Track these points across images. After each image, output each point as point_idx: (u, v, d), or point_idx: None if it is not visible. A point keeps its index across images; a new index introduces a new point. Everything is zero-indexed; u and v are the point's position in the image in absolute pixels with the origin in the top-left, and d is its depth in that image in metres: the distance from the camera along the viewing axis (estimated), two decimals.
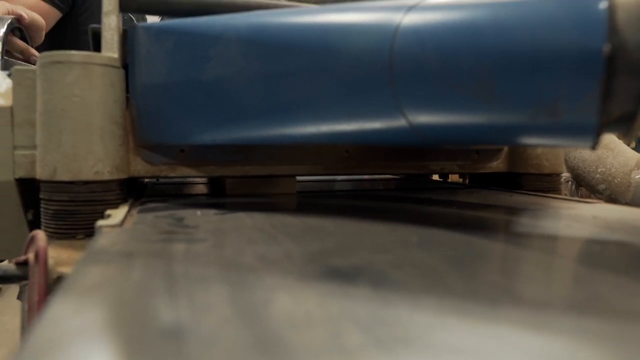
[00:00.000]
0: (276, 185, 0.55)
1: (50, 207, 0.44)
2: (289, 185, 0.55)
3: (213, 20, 0.42)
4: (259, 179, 0.53)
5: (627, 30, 0.30)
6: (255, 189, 0.54)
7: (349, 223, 0.36)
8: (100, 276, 0.21)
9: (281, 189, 0.55)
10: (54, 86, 0.43)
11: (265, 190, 0.54)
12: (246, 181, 0.53)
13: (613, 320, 0.17)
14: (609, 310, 0.18)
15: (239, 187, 0.53)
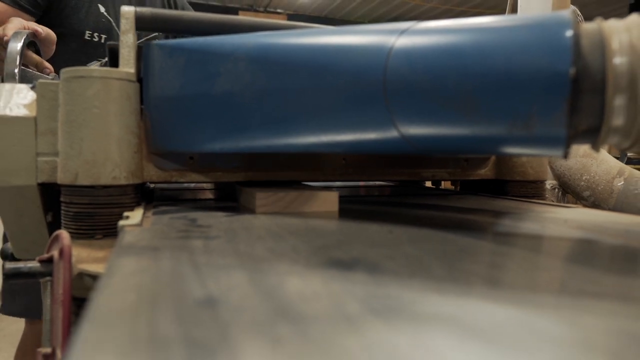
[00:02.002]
0: (314, 202, 0.48)
1: (71, 209, 0.47)
2: (329, 202, 0.48)
3: (223, 40, 0.46)
4: (293, 195, 0.47)
5: (590, 55, 0.34)
6: (289, 207, 0.47)
7: (347, 224, 0.40)
8: (136, 265, 0.25)
9: (319, 207, 0.48)
10: (76, 99, 0.46)
11: (301, 209, 0.47)
12: (280, 197, 0.47)
13: (563, 297, 0.21)
14: (561, 290, 0.22)
15: (270, 204, 0.46)
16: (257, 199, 0.46)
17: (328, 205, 0.48)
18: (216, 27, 0.52)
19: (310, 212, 0.47)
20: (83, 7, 1.15)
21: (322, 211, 0.47)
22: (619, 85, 0.33)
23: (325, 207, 0.48)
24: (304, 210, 0.47)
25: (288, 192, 0.47)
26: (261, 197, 0.46)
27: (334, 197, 0.48)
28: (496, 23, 0.37)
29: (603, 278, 0.25)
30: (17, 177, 0.49)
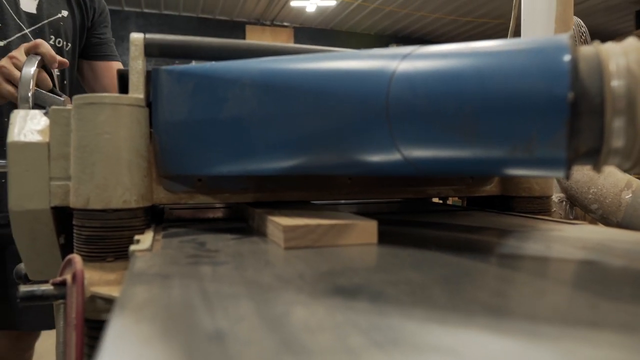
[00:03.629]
0: (350, 234, 0.42)
1: (84, 232, 0.48)
2: (367, 233, 0.42)
3: (229, 66, 0.47)
4: (326, 225, 0.41)
5: (588, 78, 0.35)
6: (321, 241, 0.41)
7: (352, 246, 0.40)
8: (147, 294, 0.26)
9: (356, 239, 0.42)
10: (88, 125, 0.48)
11: (335, 242, 0.41)
12: (310, 229, 0.41)
13: (565, 326, 0.22)
14: (562, 318, 0.23)
15: (299, 238, 0.40)
16: (285, 232, 0.40)
17: (366, 237, 0.42)
18: (223, 52, 0.53)
19: (346, 245, 0.41)
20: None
21: (358, 244, 0.42)
22: (617, 107, 0.34)
23: (363, 239, 0.42)
24: (338, 243, 0.41)
25: (320, 223, 0.41)
26: (289, 229, 0.40)
27: (372, 227, 0.43)
28: (495, 47, 0.38)
29: (605, 305, 0.25)
30: (31, 202, 0.51)
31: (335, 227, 0.41)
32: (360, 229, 0.42)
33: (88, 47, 1.25)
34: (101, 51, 1.28)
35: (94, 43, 1.26)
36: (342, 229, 0.41)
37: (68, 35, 1.17)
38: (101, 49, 1.28)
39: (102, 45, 1.28)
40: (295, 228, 0.40)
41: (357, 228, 0.42)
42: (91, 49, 1.26)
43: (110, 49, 1.30)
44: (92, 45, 1.26)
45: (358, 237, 0.42)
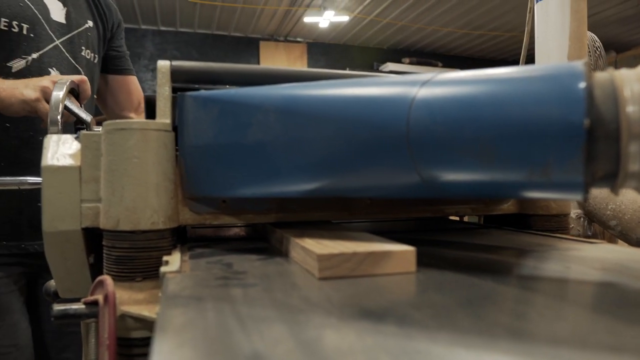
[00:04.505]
0: (387, 262, 0.40)
1: (113, 253, 0.50)
2: (406, 261, 0.40)
3: (253, 92, 0.49)
4: (363, 253, 0.39)
5: (603, 105, 0.36)
6: (358, 270, 0.39)
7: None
8: (184, 317, 0.28)
9: (394, 267, 0.40)
10: (117, 149, 0.50)
11: (371, 271, 0.39)
12: (346, 257, 0.38)
13: (586, 351, 0.23)
14: (582, 343, 0.24)
15: (334, 267, 0.38)
16: (320, 261, 0.38)
17: (404, 265, 0.40)
18: (247, 77, 0.55)
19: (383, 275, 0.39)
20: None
21: (396, 273, 0.40)
22: (633, 132, 0.35)
23: (401, 268, 0.40)
24: (375, 272, 0.39)
25: (356, 251, 0.39)
26: (324, 258, 0.38)
27: (411, 255, 0.41)
28: (511, 74, 0.39)
29: (625, 329, 0.26)
30: (63, 223, 0.53)
31: (372, 256, 0.39)
32: (399, 257, 0.40)
33: (106, 60, 1.25)
34: (119, 65, 1.28)
35: (112, 56, 1.26)
36: (379, 257, 0.39)
37: (94, 46, 1.17)
38: (119, 62, 1.28)
39: (120, 59, 1.28)
40: (330, 257, 0.38)
41: (395, 256, 0.40)
42: (109, 62, 1.25)
43: (126, 63, 1.30)
44: (109, 58, 1.26)
45: (396, 265, 0.40)
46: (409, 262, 0.41)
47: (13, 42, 0.98)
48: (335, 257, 0.38)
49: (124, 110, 1.28)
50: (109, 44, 1.24)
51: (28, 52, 0.99)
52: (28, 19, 1.00)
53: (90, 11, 1.17)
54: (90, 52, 1.14)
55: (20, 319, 1.02)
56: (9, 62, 0.97)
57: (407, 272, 0.40)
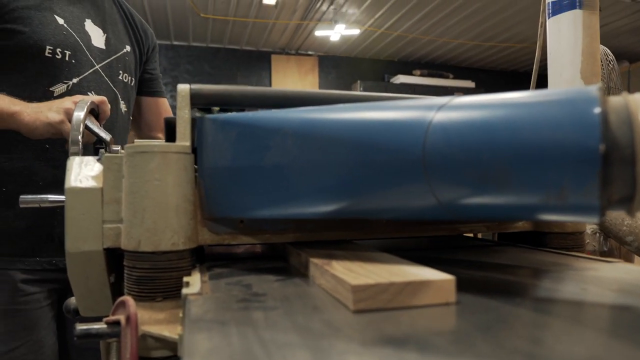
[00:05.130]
0: (425, 293, 0.38)
1: (134, 273, 0.51)
2: (444, 291, 0.38)
3: (271, 115, 0.50)
4: (400, 284, 0.37)
5: (618, 130, 0.36)
6: (394, 301, 0.37)
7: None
8: (210, 343, 0.28)
9: (432, 298, 0.38)
10: (139, 172, 0.51)
11: (409, 302, 0.37)
12: (382, 288, 0.36)
13: None
14: None
15: (369, 298, 0.36)
16: (354, 292, 0.36)
17: (443, 296, 0.38)
18: (264, 100, 0.57)
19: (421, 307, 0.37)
20: (34, 17, 1.00)
21: (434, 304, 0.37)
22: None
23: (440, 299, 0.38)
24: (412, 303, 0.37)
25: (392, 281, 0.37)
26: (359, 289, 0.36)
27: (450, 285, 0.38)
28: (526, 99, 0.40)
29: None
30: (86, 243, 0.54)
31: (410, 286, 0.37)
32: (437, 287, 0.38)
33: (139, 82, 1.29)
34: (151, 87, 1.32)
35: (146, 78, 1.30)
36: (417, 288, 0.37)
37: (131, 70, 1.21)
38: (152, 84, 1.32)
39: (153, 81, 1.32)
40: (365, 288, 0.36)
41: (434, 286, 0.38)
42: (142, 84, 1.30)
43: (159, 85, 1.34)
44: (143, 81, 1.30)
45: (435, 296, 0.38)
46: (448, 292, 0.38)
47: (56, 68, 1.02)
48: (370, 288, 0.36)
49: (152, 130, 1.33)
50: (143, 67, 1.29)
51: (69, 77, 1.03)
52: (70, 46, 1.04)
53: (128, 36, 1.22)
54: (127, 76, 1.19)
55: (47, 335, 1.04)
56: (52, 87, 1.01)
57: (446, 304, 0.37)
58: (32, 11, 1.00)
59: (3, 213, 1.00)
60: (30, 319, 1.01)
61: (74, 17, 1.07)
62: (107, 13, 1.16)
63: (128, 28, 1.22)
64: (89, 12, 1.11)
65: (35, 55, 1.00)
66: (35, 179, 1.01)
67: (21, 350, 0.99)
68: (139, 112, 1.32)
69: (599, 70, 1.05)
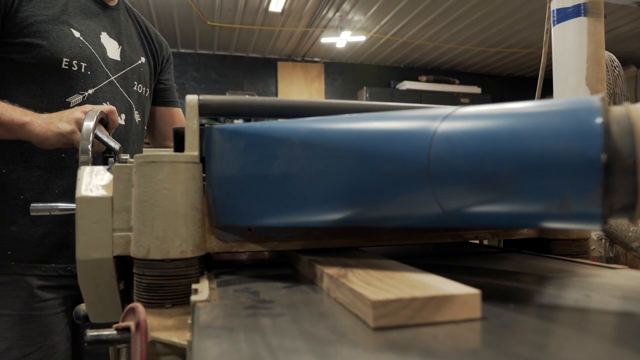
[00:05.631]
0: (449, 309, 0.36)
1: (144, 281, 0.52)
2: (469, 306, 0.36)
3: (278, 125, 0.51)
4: (422, 299, 0.35)
5: (620, 140, 0.37)
6: (417, 317, 0.35)
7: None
8: (218, 348, 0.29)
9: (456, 314, 0.36)
10: (148, 181, 0.52)
11: (432, 318, 0.35)
12: (404, 303, 0.35)
13: None
14: None
15: (391, 314, 0.34)
16: (374, 309, 0.34)
17: (467, 311, 0.36)
18: (272, 110, 0.58)
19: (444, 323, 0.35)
20: (52, 31, 1.03)
21: (459, 320, 0.36)
22: None
23: (464, 314, 0.36)
24: (435, 319, 0.35)
25: (414, 296, 0.35)
26: (379, 305, 0.34)
27: (475, 300, 0.37)
28: (529, 109, 0.40)
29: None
30: (96, 251, 0.55)
31: (432, 301, 0.35)
32: (462, 302, 0.36)
33: (154, 92, 1.32)
34: (165, 97, 1.35)
35: (160, 89, 1.33)
36: (441, 303, 0.36)
37: (146, 80, 1.24)
38: (165, 94, 1.35)
39: (167, 91, 1.35)
40: (386, 303, 0.34)
41: (458, 301, 0.36)
42: (157, 94, 1.33)
43: (173, 95, 1.37)
44: (157, 91, 1.33)
45: (459, 312, 0.36)
46: (473, 308, 0.36)
47: (73, 79, 1.05)
48: (392, 304, 0.34)
49: (166, 140, 1.36)
50: (158, 77, 1.32)
51: (85, 88, 1.06)
52: (86, 58, 1.07)
53: (143, 48, 1.25)
54: (142, 86, 1.22)
55: (61, 340, 1.05)
56: (68, 97, 1.04)
57: (471, 319, 0.36)
58: (50, 25, 1.03)
59: (20, 220, 1.02)
60: (45, 325, 1.03)
61: (90, 31, 1.10)
62: (123, 26, 1.19)
63: (143, 40, 1.26)
64: (104, 26, 1.14)
65: (53, 67, 1.03)
66: (52, 187, 1.03)
67: (36, 355, 1.00)
68: (153, 122, 1.35)
69: (605, 77, 1.05)
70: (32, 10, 1.01)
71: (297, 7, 4.67)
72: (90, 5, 1.12)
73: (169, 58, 1.35)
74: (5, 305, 1.00)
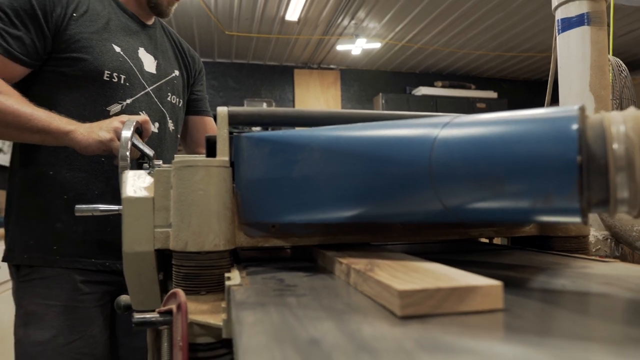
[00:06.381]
0: (472, 300, 0.38)
1: (182, 271, 0.59)
2: (492, 297, 0.39)
3: (299, 133, 0.58)
4: (446, 290, 0.37)
5: (594, 143, 0.42)
6: (441, 307, 0.37)
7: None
8: (254, 317, 0.36)
9: (479, 305, 0.38)
10: (186, 183, 0.59)
11: (456, 308, 0.38)
12: (429, 294, 0.37)
13: (553, 338, 0.30)
14: (550, 332, 0.31)
15: (417, 304, 0.37)
16: (401, 298, 0.36)
17: (490, 302, 0.38)
18: (294, 119, 0.65)
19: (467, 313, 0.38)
20: (96, 46, 1.13)
21: (482, 310, 0.38)
22: (618, 165, 0.41)
23: (488, 305, 0.38)
24: (459, 309, 0.38)
25: (439, 287, 0.37)
26: (405, 294, 0.36)
27: (498, 291, 0.39)
28: (517, 117, 0.47)
29: (595, 324, 0.33)
30: (140, 245, 0.63)
31: (456, 292, 0.38)
32: (485, 294, 0.38)
33: (187, 102, 1.43)
34: (197, 107, 1.46)
35: (192, 99, 1.44)
36: (464, 294, 0.38)
37: (179, 92, 1.35)
38: (198, 104, 1.46)
39: (199, 102, 1.46)
40: (412, 293, 0.37)
41: (481, 292, 0.38)
42: (190, 104, 1.44)
43: (204, 105, 1.48)
44: (190, 101, 1.44)
45: (482, 302, 0.38)
46: (496, 299, 0.39)
47: (113, 90, 1.17)
48: (417, 294, 0.37)
49: (198, 146, 1.47)
50: (191, 88, 1.43)
51: (124, 98, 1.16)
52: (125, 70, 1.18)
53: (177, 62, 1.37)
54: (175, 97, 1.32)
55: (101, 332, 1.15)
56: (108, 106, 1.15)
57: (494, 310, 0.38)
58: (94, 41, 1.14)
59: (64, 218, 1.11)
60: (87, 316, 1.12)
61: (129, 46, 1.21)
62: (159, 42, 1.31)
63: (177, 55, 1.37)
64: (142, 42, 1.25)
65: (95, 79, 1.14)
66: (92, 188, 1.13)
67: (78, 343, 1.09)
68: (187, 130, 1.46)
69: (608, 83, 1.10)
70: (78, 28, 1.11)
71: (313, 15, 4.76)
72: (130, 24, 1.23)
73: (201, 71, 1.46)
74: (53, 296, 1.10)
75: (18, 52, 1.06)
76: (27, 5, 1.06)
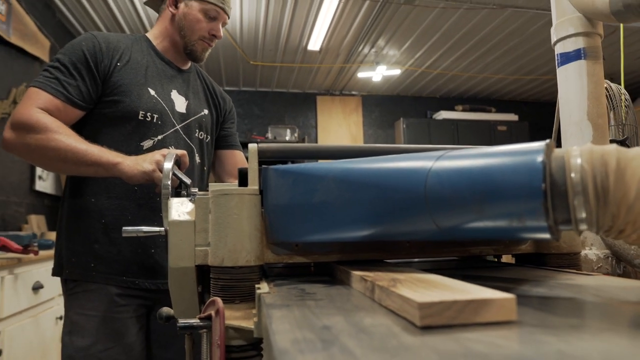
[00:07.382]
0: (487, 311, 0.41)
1: (219, 283, 0.70)
2: (506, 309, 0.42)
3: (318, 166, 0.69)
4: (463, 302, 0.40)
5: (557, 173, 0.52)
6: (458, 318, 0.40)
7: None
8: (281, 313, 0.46)
9: (494, 316, 0.41)
10: (222, 208, 0.70)
11: (472, 319, 0.40)
12: (447, 305, 0.40)
13: (523, 328, 0.39)
14: (522, 324, 0.40)
15: (435, 315, 0.40)
16: (421, 309, 0.39)
17: (504, 314, 0.41)
18: (316, 154, 0.76)
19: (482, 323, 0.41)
20: (134, 90, 1.30)
21: (497, 321, 0.41)
22: (575, 191, 0.51)
23: (500, 317, 0.41)
24: (475, 320, 0.40)
25: (456, 299, 0.40)
26: (425, 306, 0.40)
27: (511, 304, 0.42)
28: (497, 151, 0.56)
29: (555, 319, 0.42)
30: (183, 261, 0.74)
31: (472, 304, 0.41)
32: (499, 306, 0.41)
33: (218, 138, 1.60)
34: (228, 142, 1.63)
35: (222, 135, 1.61)
36: (480, 306, 0.41)
37: (208, 129, 1.51)
38: (228, 140, 1.63)
39: (229, 137, 1.63)
40: (430, 305, 0.40)
41: (495, 304, 0.41)
42: (220, 139, 1.61)
43: (234, 140, 1.65)
44: (220, 137, 1.61)
45: (496, 314, 0.41)
46: (509, 311, 0.42)
47: (146, 127, 1.34)
48: (436, 305, 0.40)
49: (228, 177, 1.62)
50: (221, 125, 1.60)
51: (155, 134, 1.31)
52: (158, 110, 1.35)
53: (207, 102, 1.54)
54: (203, 134, 1.49)
55: (136, 342, 1.27)
56: (142, 142, 1.32)
57: (507, 321, 0.41)
58: (133, 86, 1.32)
59: (102, 239, 1.25)
60: (123, 326, 1.25)
61: (163, 89, 1.38)
62: (192, 85, 1.48)
63: (208, 96, 1.54)
64: (176, 85, 1.42)
65: (131, 118, 1.31)
66: (126, 214, 1.26)
67: (115, 350, 1.21)
68: (219, 163, 1.63)
69: (605, 112, 1.18)
70: (121, 76, 1.28)
71: (334, 45, 4.94)
72: (167, 69, 1.39)
73: (231, 110, 1.62)
74: (93, 307, 1.23)
75: (76, 99, 1.25)
76: (82, 58, 1.25)
